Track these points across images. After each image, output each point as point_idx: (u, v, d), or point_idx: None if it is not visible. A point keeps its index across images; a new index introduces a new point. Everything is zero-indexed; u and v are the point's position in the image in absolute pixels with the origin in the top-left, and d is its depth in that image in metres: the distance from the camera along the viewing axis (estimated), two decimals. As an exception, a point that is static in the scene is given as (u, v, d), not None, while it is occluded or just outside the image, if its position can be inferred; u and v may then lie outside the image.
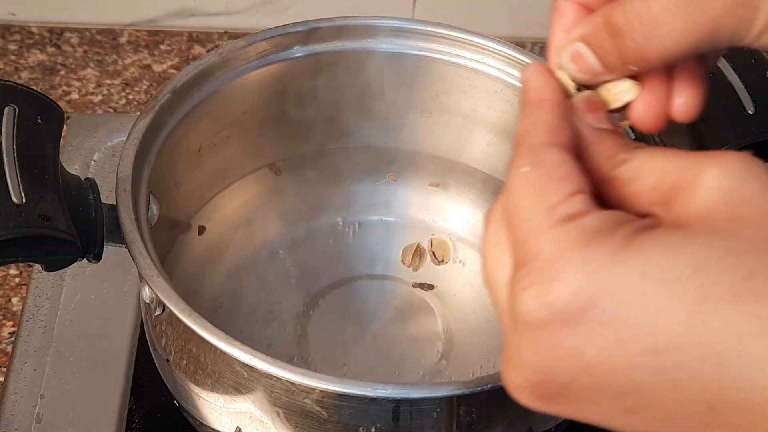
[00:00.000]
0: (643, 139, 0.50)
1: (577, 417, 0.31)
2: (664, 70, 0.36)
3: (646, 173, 0.32)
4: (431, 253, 0.63)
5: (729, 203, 0.29)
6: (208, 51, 0.79)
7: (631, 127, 0.37)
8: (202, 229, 0.60)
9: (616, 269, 0.28)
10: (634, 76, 0.35)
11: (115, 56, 0.80)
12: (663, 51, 0.33)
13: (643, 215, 0.31)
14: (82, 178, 0.48)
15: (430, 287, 0.62)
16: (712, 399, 0.27)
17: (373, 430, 0.44)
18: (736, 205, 0.29)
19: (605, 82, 0.36)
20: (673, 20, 0.32)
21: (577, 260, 0.29)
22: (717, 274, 0.27)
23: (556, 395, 0.30)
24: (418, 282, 0.62)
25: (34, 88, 0.46)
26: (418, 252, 0.63)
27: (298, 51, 0.58)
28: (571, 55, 0.35)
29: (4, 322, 0.62)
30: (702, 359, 0.27)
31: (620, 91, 0.36)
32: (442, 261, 0.62)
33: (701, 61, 0.36)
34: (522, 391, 0.31)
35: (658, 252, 0.28)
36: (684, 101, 0.36)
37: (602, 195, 0.33)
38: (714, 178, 0.29)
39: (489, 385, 0.41)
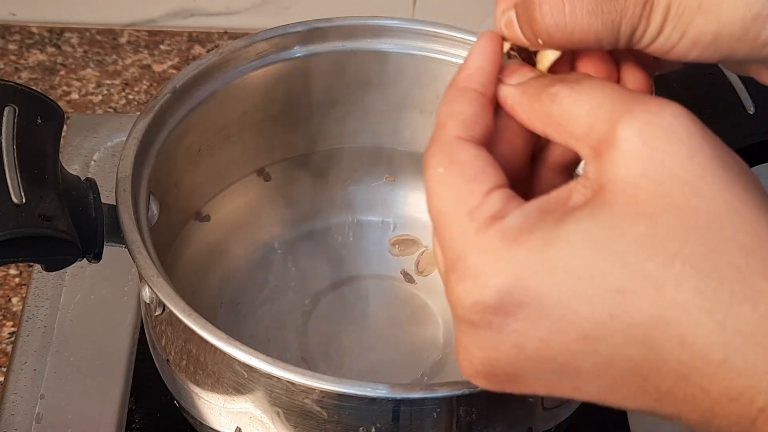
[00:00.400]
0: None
1: (532, 393, 0.34)
2: (612, 66, 0.37)
3: (577, 116, 0.32)
4: (416, 262, 0.63)
5: (651, 180, 0.30)
6: (208, 51, 0.79)
7: None
8: (206, 218, 0.60)
9: (541, 269, 0.30)
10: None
11: (115, 56, 0.80)
12: (566, 30, 0.34)
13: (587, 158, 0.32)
14: (82, 178, 0.48)
15: (411, 280, 0.62)
16: (645, 373, 0.30)
17: (373, 430, 0.44)
18: (658, 182, 0.30)
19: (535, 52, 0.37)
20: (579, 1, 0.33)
21: (502, 265, 0.31)
22: (638, 265, 0.29)
23: (507, 380, 0.33)
24: (405, 269, 0.62)
25: (34, 88, 0.46)
26: (408, 243, 0.63)
27: (298, 51, 0.58)
28: (505, 23, 0.36)
29: (4, 322, 0.62)
30: (629, 342, 0.30)
31: (547, 55, 0.37)
32: (422, 273, 0.62)
33: (641, 65, 0.37)
34: (476, 378, 0.33)
35: (580, 247, 0.30)
36: (632, 87, 0.36)
37: (552, 140, 0.34)
38: (632, 145, 0.30)
39: (489, 386, 0.41)
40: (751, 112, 0.49)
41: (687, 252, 0.29)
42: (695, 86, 0.40)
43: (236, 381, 0.44)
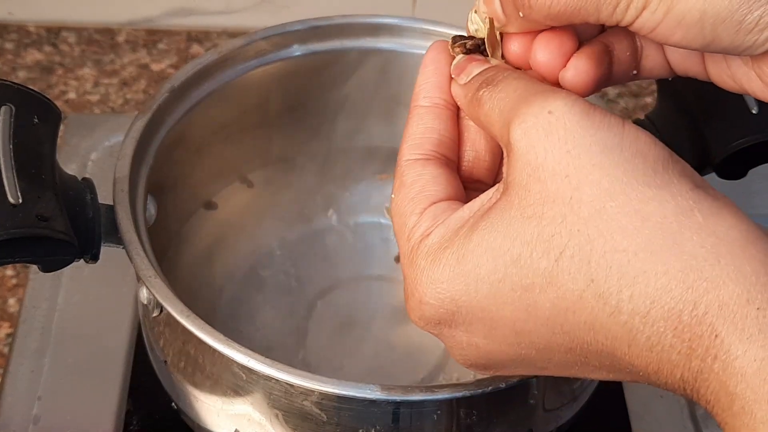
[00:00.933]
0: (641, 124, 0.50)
1: (517, 375, 0.39)
2: (565, 54, 0.37)
3: (493, 121, 0.35)
4: None
5: (537, 180, 0.32)
6: (206, 50, 0.78)
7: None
8: (213, 205, 0.60)
9: (458, 281, 0.33)
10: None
11: (112, 55, 0.80)
12: (546, 4, 0.34)
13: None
14: (80, 178, 0.48)
15: None
16: (584, 353, 0.32)
17: (372, 432, 0.43)
18: (542, 182, 0.32)
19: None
20: None
21: (429, 282, 0.34)
22: (534, 264, 0.32)
23: (488, 368, 0.36)
24: None
25: (31, 87, 0.46)
26: None
27: (298, 50, 0.58)
28: None
29: (0, 323, 0.62)
30: (553, 332, 0.32)
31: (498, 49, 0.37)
32: None
33: (605, 44, 0.37)
34: (469, 368, 0.37)
35: (485, 256, 0.33)
36: (573, 73, 0.36)
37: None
38: (520, 148, 0.32)
39: (489, 388, 0.41)
40: (755, 112, 0.49)
41: (574, 244, 0.31)
42: (698, 85, 0.39)
43: (235, 383, 0.44)
